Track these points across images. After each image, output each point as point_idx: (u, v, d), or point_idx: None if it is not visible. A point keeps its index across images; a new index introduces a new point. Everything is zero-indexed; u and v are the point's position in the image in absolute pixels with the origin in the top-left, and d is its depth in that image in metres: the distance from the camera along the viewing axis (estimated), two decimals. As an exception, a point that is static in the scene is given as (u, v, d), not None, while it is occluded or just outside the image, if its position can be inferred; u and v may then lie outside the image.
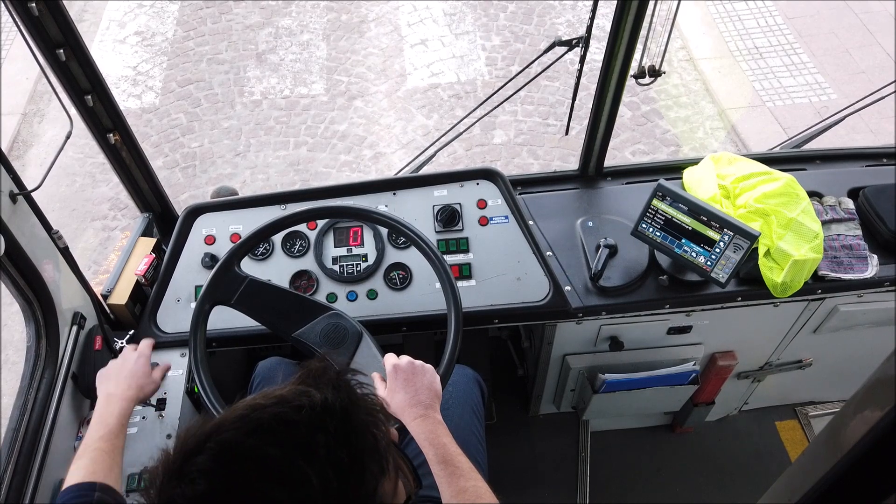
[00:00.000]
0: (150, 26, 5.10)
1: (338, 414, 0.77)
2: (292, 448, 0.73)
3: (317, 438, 0.74)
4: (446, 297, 1.57)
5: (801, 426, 2.66)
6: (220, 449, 0.73)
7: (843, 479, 0.51)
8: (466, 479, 1.18)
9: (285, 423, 0.74)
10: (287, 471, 0.72)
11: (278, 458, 0.72)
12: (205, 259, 1.89)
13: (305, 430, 0.74)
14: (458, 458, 1.22)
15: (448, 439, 1.26)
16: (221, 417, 0.77)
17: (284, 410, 0.75)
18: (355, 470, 0.76)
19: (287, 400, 0.77)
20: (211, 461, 0.72)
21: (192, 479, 0.71)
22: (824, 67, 4.60)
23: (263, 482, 0.71)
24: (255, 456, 0.72)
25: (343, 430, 0.76)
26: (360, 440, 0.78)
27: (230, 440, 0.73)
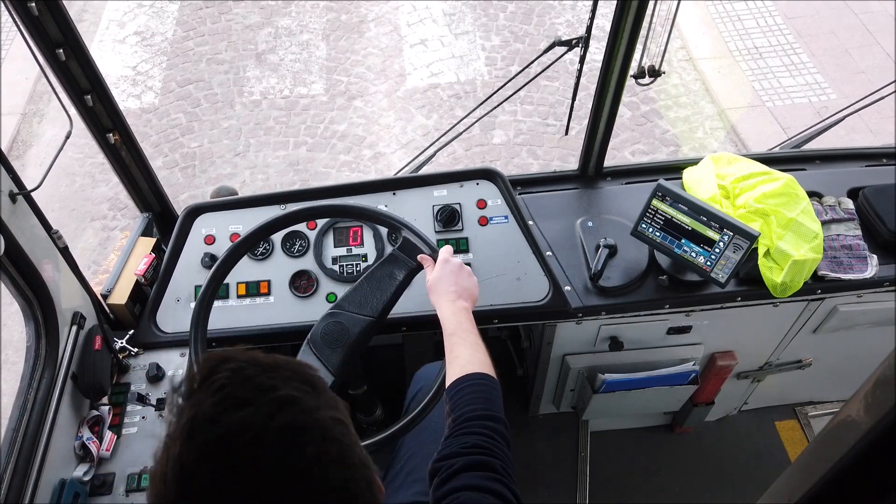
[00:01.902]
0: (150, 26, 5.10)
1: (247, 364, 0.78)
2: (251, 399, 0.74)
3: (258, 381, 0.75)
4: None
5: (800, 426, 2.66)
6: (235, 370, 0.74)
7: (842, 479, 0.51)
8: (463, 348, 1.35)
9: (229, 395, 0.75)
10: (268, 407, 0.73)
11: (254, 413, 0.73)
12: (204, 259, 1.89)
13: (241, 385, 0.75)
14: (467, 334, 1.39)
15: (468, 323, 1.43)
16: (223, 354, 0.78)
17: (219, 398, 0.76)
18: (301, 373, 0.79)
19: (206, 396, 0.78)
20: (228, 377, 0.74)
21: (214, 389, 0.73)
22: (824, 67, 4.60)
23: (264, 427, 0.72)
24: (239, 427, 0.72)
25: (264, 366, 0.77)
26: (280, 362, 0.80)
27: (206, 439, 0.73)
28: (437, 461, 1.13)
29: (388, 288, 1.61)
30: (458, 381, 1.28)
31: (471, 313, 1.49)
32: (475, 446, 1.13)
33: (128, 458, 1.59)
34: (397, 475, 1.63)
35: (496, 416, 1.21)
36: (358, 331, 1.57)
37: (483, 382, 1.27)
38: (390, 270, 1.63)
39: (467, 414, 1.20)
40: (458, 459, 1.10)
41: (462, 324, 1.43)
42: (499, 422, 1.20)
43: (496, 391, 1.27)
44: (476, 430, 1.16)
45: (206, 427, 0.70)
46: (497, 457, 1.12)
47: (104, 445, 1.58)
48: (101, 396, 1.65)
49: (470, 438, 1.15)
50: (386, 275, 1.63)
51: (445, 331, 1.43)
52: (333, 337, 1.56)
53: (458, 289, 1.51)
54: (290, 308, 1.86)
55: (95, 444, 1.56)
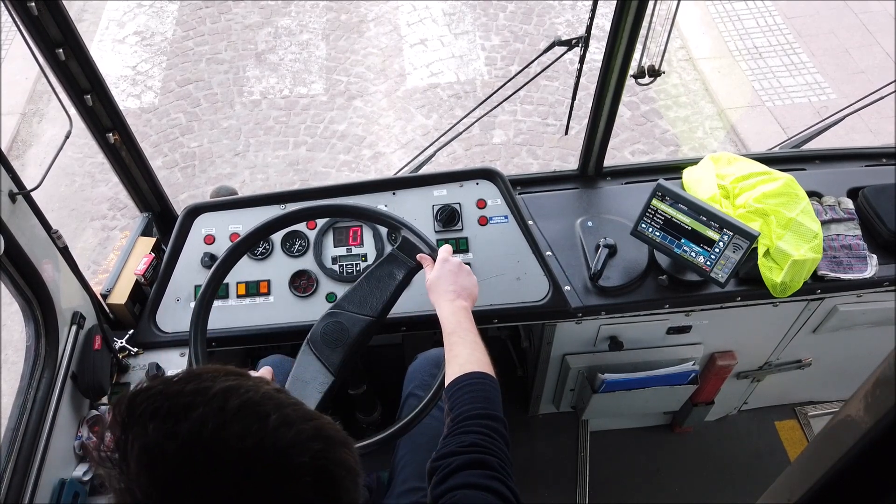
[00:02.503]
0: (150, 26, 5.10)
1: (162, 384, 0.76)
2: (175, 410, 0.72)
3: (186, 391, 0.74)
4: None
5: (800, 426, 2.66)
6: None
7: (842, 478, 0.51)
8: (462, 347, 1.36)
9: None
10: (207, 408, 0.71)
11: (210, 384, 0.73)
12: (204, 259, 1.89)
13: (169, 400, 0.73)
14: (466, 333, 1.40)
15: (467, 322, 1.43)
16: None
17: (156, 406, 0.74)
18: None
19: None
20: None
21: (146, 418, 0.71)
22: (824, 67, 4.60)
23: (213, 382, 0.72)
24: (190, 390, 0.72)
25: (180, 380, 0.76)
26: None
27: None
28: (436, 460, 1.13)
29: (387, 287, 1.61)
30: (456, 380, 1.28)
31: (470, 313, 1.49)
32: (473, 445, 1.13)
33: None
34: (393, 476, 1.63)
35: (495, 414, 1.21)
36: (358, 330, 1.57)
37: (482, 381, 1.27)
38: (390, 270, 1.63)
39: (466, 413, 1.20)
40: (456, 458, 1.10)
41: (461, 323, 1.43)
42: (497, 420, 1.20)
43: (495, 390, 1.27)
44: (474, 429, 1.16)
45: (164, 444, 0.68)
46: (495, 455, 1.12)
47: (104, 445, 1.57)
48: (101, 396, 1.65)
49: (468, 437, 1.15)
50: (385, 274, 1.63)
51: (445, 330, 1.43)
52: (333, 337, 1.56)
53: (457, 288, 1.51)
54: (289, 308, 1.86)
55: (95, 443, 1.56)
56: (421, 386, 1.76)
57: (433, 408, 1.49)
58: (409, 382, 1.82)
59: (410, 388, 1.79)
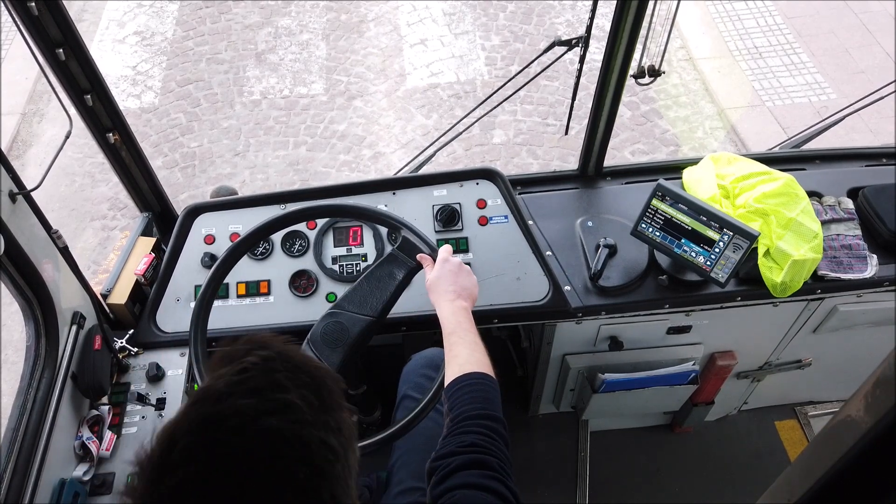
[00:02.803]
0: (150, 26, 5.10)
1: (277, 357, 0.79)
2: (262, 391, 0.74)
3: (276, 377, 0.76)
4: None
5: (800, 426, 2.66)
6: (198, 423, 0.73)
7: (842, 478, 0.51)
8: (462, 347, 1.36)
9: (246, 380, 0.75)
10: (268, 404, 0.73)
11: (253, 405, 0.73)
12: (204, 259, 1.89)
13: (261, 375, 0.76)
14: (465, 333, 1.40)
15: (467, 323, 1.43)
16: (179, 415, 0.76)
17: (237, 379, 0.76)
18: (320, 385, 0.79)
19: (228, 373, 0.78)
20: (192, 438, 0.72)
21: (237, 369, 0.74)
22: (824, 67, 4.60)
23: (254, 422, 0.72)
24: (233, 411, 0.72)
25: (291, 364, 0.78)
26: (309, 366, 0.81)
27: (204, 413, 0.73)
28: (435, 460, 1.13)
29: (387, 287, 1.61)
30: (456, 380, 1.28)
31: (470, 313, 1.49)
32: (473, 445, 1.13)
33: (127, 458, 1.59)
34: (390, 476, 1.63)
35: (494, 415, 1.21)
36: (358, 330, 1.57)
37: (481, 382, 1.27)
38: (390, 270, 1.63)
39: (465, 413, 1.20)
40: (455, 458, 1.11)
41: (461, 323, 1.43)
42: (497, 421, 1.20)
43: (494, 390, 1.27)
44: (474, 429, 1.16)
45: (209, 401, 0.73)
46: (495, 455, 1.12)
47: (104, 445, 1.58)
48: (101, 396, 1.65)
49: (468, 437, 1.15)
50: (386, 274, 1.63)
51: (445, 330, 1.43)
52: (333, 337, 1.56)
53: (457, 288, 1.51)
54: (289, 308, 1.86)
55: (95, 443, 1.56)
56: (415, 387, 1.76)
57: (432, 408, 1.50)
58: (403, 384, 1.82)
59: (405, 389, 1.79)
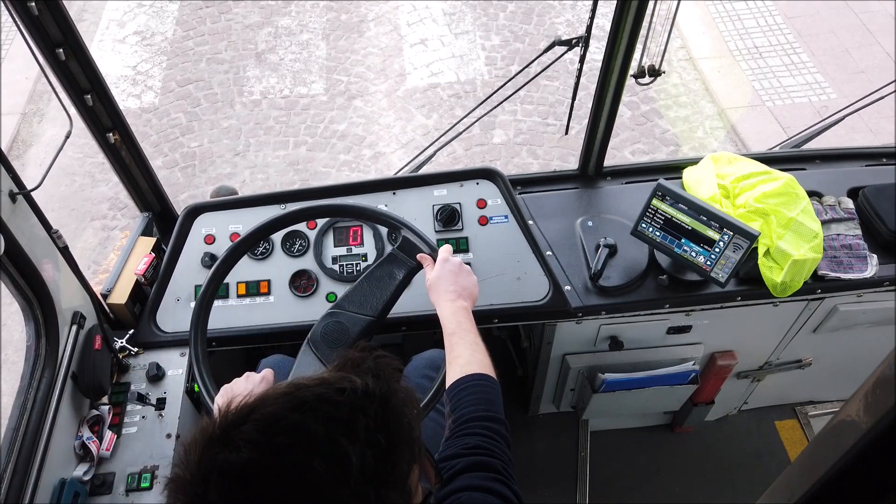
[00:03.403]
0: (150, 26, 5.10)
1: (377, 399, 0.79)
2: (334, 426, 0.75)
3: (357, 420, 0.76)
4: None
5: (800, 426, 2.66)
6: (265, 420, 0.75)
7: (842, 478, 0.51)
8: (463, 348, 1.36)
9: (328, 402, 0.77)
10: (328, 446, 0.74)
11: (321, 433, 0.74)
12: (204, 258, 1.89)
13: (347, 411, 0.77)
14: (466, 334, 1.39)
15: (468, 323, 1.43)
16: (264, 394, 0.79)
17: (327, 391, 0.78)
18: (391, 453, 0.78)
19: (329, 382, 0.80)
20: (256, 431, 0.74)
21: (236, 447, 0.73)
22: (824, 67, 4.60)
23: (305, 454, 0.73)
24: (298, 430, 0.74)
25: (382, 415, 0.79)
26: (397, 426, 0.80)
27: (275, 413, 0.76)
28: (439, 462, 1.13)
29: (387, 287, 1.61)
30: (458, 381, 1.28)
31: (470, 313, 1.49)
32: (476, 447, 1.13)
33: (128, 458, 1.59)
34: None
35: (496, 416, 1.21)
36: (358, 330, 1.57)
37: (483, 383, 1.27)
38: (390, 270, 1.63)
39: (468, 415, 1.20)
40: (459, 460, 1.11)
41: (462, 323, 1.43)
42: (499, 423, 1.20)
43: (496, 392, 1.27)
44: (477, 431, 1.16)
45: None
46: (498, 457, 1.13)
47: (104, 445, 1.58)
48: (101, 396, 1.65)
49: (471, 439, 1.15)
50: (386, 274, 1.63)
51: (445, 330, 1.43)
52: (333, 336, 1.56)
53: (457, 288, 1.51)
54: (290, 308, 1.86)
55: (95, 443, 1.56)
56: (416, 387, 1.75)
57: (433, 408, 1.50)
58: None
59: None
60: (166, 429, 1.64)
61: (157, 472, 1.56)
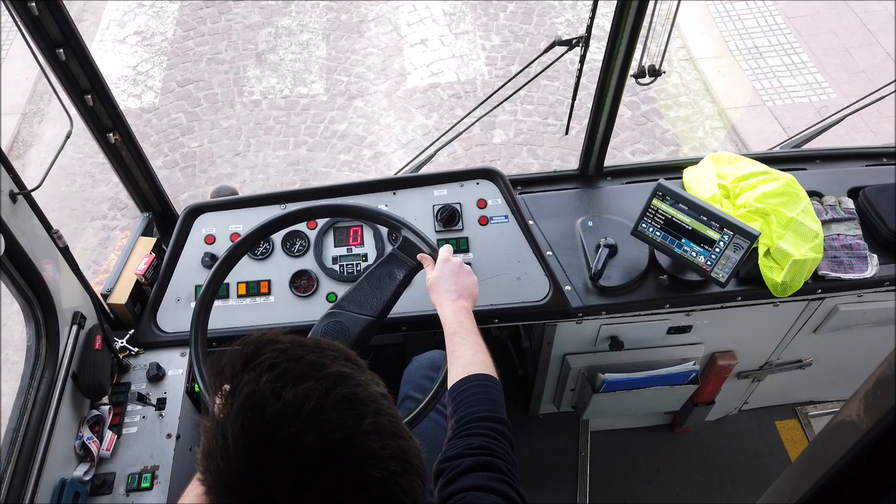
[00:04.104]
0: (150, 26, 5.10)
1: (290, 344, 0.83)
2: (308, 376, 0.78)
3: (309, 359, 0.80)
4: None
5: (801, 426, 2.66)
6: (282, 346, 0.80)
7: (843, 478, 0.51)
8: (465, 349, 1.36)
9: (285, 372, 0.80)
10: (325, 382, 0.77)
11: (314, 386, 0.77)
12: (205, 259, 1.89)
13: (293, 363, 0.80)
14: (468, 334, 1.40)
15: (469, 323, 1.43)
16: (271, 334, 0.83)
17: (275, 374, 0.80)
18: (348, 355, 0.85)
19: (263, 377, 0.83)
20: (275, 356, 0.78)
21: (264, 368, 0.77)
22: (824, 67, 4.60)
23: (325, 359, 0.79)
24: (305, 395, 0.76)
25: (306, 346, 0.83)
26: (322, 343, 0.85)
27: (290, 340, 0.82)
28: (442, 462, 1.14)
29: (388, 287, 1.61)
30: (460, 382, 1.28)
31: (471, 312, 1.49)
32: (479, 447, 1.13)
33: (128, 458, 1.59)
34: None
35: (499, 417, 1.21)
36: (358, 330, 1.57)
37: (486, 384, 1.27)
38: (390, 270, 1.63)
39: (471, 415, 1.20)
40: (462, 460, 1.11)
41: (463, 324, 1.43)
42: (502, 423, 1.20)
43: (499, 392, 1.27)
44: (480, 432, 1.17)
45: (268, 401, 0.74)
46: (501, 457, 1.13)
47: (104, 445, 1.58)
48: (102, 396, 1.65)
49: (474, 440, 1.15)
50: (386, 274, 1.63)
51: (447, 330, 1.43)
52: (334, 336, 1.56)
53: (458, 288, 1.51)
54: (290, 308, 1.86)
55: (96, 443, 1.56)
56: (416, 388, 1.76)
57: (434, 407, 1.50)
58: (405, 385, 1.82)
59: (406, 390, 1.79)
60: (167, 429, 1.64)
61: (157, 473, 1.56)
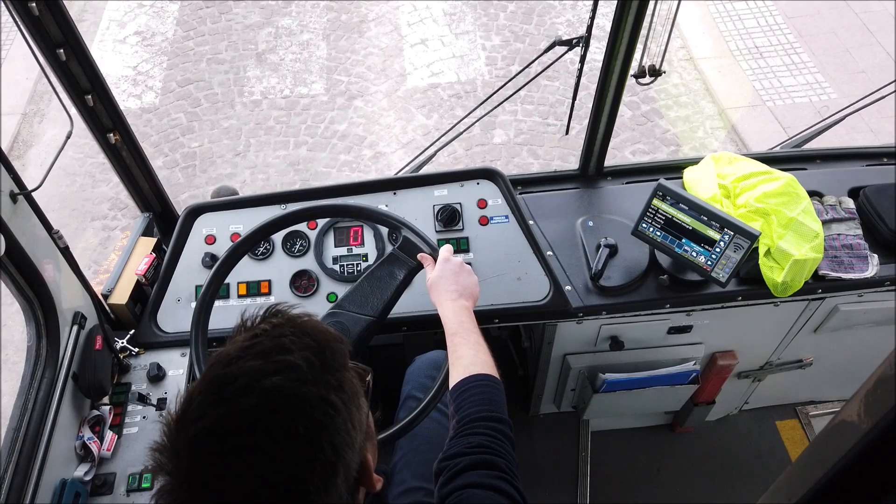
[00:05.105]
0: (150, 26, 5.10)
1: (286, 323, 0.84)
2: (268, 353, 0.78)
3: (282, 341, 0.80)
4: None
5: (801, 426, 2.66)
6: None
7: (843, 478, 0.51)
8: (466, 349, 1.36)
9: (255, 344, 0.80)
10: (271, 366, 0.77)
11: (259, 366, 0.77)
12: (205, 259, 1.89)
13: (269, 339, 0.81)
14: (469, 334, 1.39)
15: (470, 323, 1.43)
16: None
17: (248, 344, 0.81)
18: (323, 347, 0.82)
19: (241, 339, 0.83)
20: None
21: (251, 334, 0.81)
22: (824, 67, 4.60)
23: (258, 381, 0.76)
24: (241, 372, 0.77)
25: (298, 329, 0.83)
26: (315, 330, 0.84)
27: (215, 374, 0.79)
28: (442, 460, 1.14)
29: (388, 287, 1.61)
30: (461, 382, 1.28)
31: (472, 312, 1.49)
32: (480, 446, 1.14)
33: (129, 458, 1.59)
34: (391, 476, 1.63)
35: (500, 417, 1.21)
36: (359, 330, 1.57)
37: (487, 383, 1.27)
38: (391, 270, 1.63)
39: (472, 415, 1.20)
40: (463, 458, 1.11)
41: (464, 323, 1.43)
42: (503, 423, 1.20)
43: (500, 392, 1.27)
44: (481, 431, 1.17)
45: (221, 364, 0.78)
46: (502, 456, 1.13)
47: (105, 445, 1.58)
48: (102, 396, 1.65)
49: (475, 439, 1.15)
50: (386, 274, 1.63)
51: (447, 330, 1.43)
52: None
53: (458, 288, 1.51)
54: (290, 308, 1.86)
55: (96, 443, 1.56)
56: (418, 388, 1.76)
57: (434, 407, 1.50)
58: (407, 384, 1.82)
59: (408, 390, 1.79)
60: (167, 429, 1.63)
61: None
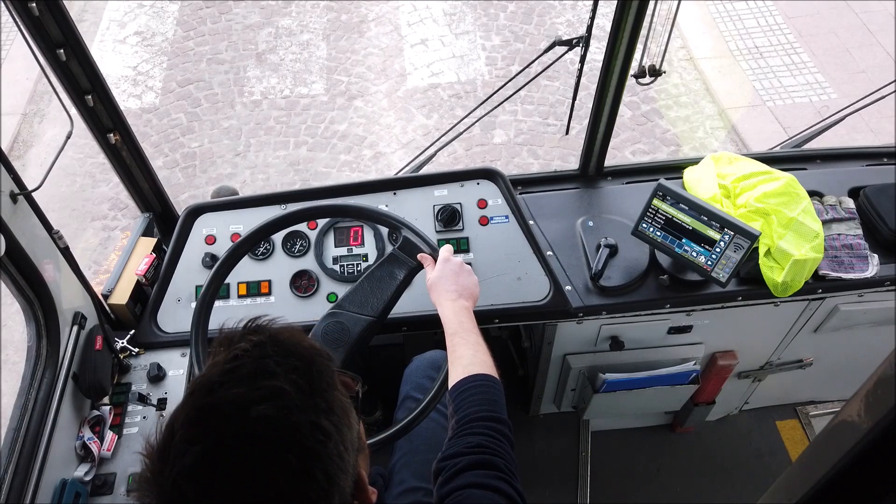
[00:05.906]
0: (150, 26, 5.10)
1: (268, 341, 0.83)
2: (252, 378, 0.76)
3: (266, 363, 0.78)
4: None
5: (801, 426, 2.66)
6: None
7: (843, 478, 0.51)
8: (466, 349, 1.36)
9: (237, 368, 0.78)
10: (257, 393, 0.75)
11: (244, 394, 0.75)
12: (205, 259, 1.89)
13: (252, 362, 0.79)
14: (468, 334, 1.39)
15: (469, 323, 1.43)
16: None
17: (229, 367, 0.79)
18: (310, 367, 0.81)
19: (221, 361, 0.81)
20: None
21: (230, 356, 0.79)
22: (824, 67, 4.60)
23: (245, 411, 0.74)
24: (225, 401, 0.75)
25: (282, 349, 0.82)
26: (300, 348, 0.83)
27: (198, 404, 0.76)
28: (442, 460, 1.14)
29: (388, 287, 1.61)
30: (461, 382, 1.28)
31: (472, 312, 1.49)
32: (479, 446, 1.14)
33: (129, 458, 1.59)
34: (390, 476, 1.63)
35: (500, 417, 1.21)
36: (359, 330, 1.57)
37: (486, 384, 1.27)
38: (391, 270, 1.63)
39: (471, 415, 1.20)
40: (462, 458, 1.11)
41: (463, 324, 1.43)
42: (502, 423, 1.20)
43: (499, 392, 1.27)
44: (480, 431, 1.17)
45: (203, 392, 0.75)
46: (501, 456, 1.13)
47: (105, 445, 1.58)
48: (102, 396, 1.65)
49: (474, 439, 1.15)
50: (386, 274, 1.63)
51: (447, 330, 1.43)
52: (334, 337, 1.56)
53: (458, 288, 1.51)
54: (290, 308, 1.86)
55: (96, 444, 1.56)
56: (417, 388, 1.76)
57: (434, 407, 1.50)
58: (405, 385, 1.82)
59: (406, 390, 1.79)
60: (167, 429, 1.64)
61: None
